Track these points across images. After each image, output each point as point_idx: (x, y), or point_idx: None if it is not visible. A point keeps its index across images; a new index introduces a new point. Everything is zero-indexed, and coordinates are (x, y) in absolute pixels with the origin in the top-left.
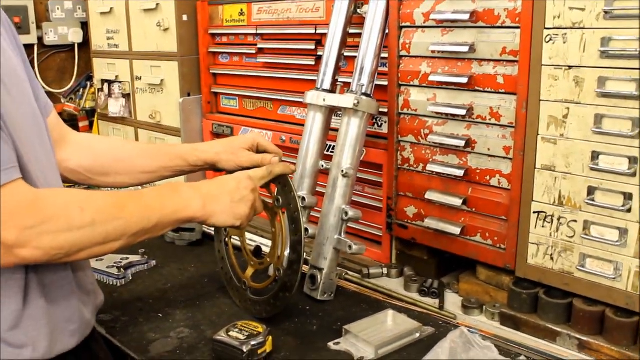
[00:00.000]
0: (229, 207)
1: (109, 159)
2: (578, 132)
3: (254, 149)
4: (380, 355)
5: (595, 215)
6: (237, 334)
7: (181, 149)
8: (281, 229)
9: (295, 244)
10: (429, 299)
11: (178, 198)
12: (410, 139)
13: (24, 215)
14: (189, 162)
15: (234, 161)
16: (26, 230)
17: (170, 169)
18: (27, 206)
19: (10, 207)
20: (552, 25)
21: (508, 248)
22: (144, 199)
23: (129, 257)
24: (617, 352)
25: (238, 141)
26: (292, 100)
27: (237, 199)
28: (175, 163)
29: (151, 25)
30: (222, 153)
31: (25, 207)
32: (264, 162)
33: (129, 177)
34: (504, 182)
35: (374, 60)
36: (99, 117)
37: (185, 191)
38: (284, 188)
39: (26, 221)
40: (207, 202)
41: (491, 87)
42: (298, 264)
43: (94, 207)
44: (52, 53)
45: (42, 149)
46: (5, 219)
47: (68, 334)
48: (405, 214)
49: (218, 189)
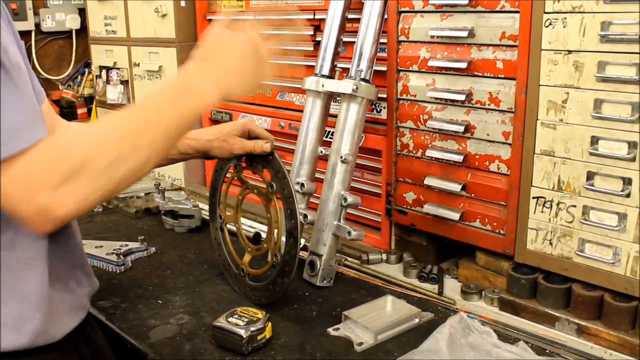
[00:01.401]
0: (248, 75)
1: None
2: (577, 117)
3: (246, 135)
4: (379, 340)
5: (594, 200)
6: (237, 320)
7: None
8: (276, 214)
9: (292, 230)
10: (428, 284)
11: (192, 97)
12: (409, 124)
13: (51, 172)
14: (180, 150)
15: (226, 148)
16: (58, 188)
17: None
18: (53, 160)
19: (36, 169)
20: (551, 9)
21: (507, 233)
22: (162, 116)
23: (128, 244)
24: (615, 337)
25: (229, 128)
26: (290, 86)
27: (252, 61)
28: None
29: (149, 11)
30: (213, 140)
31: (51, 161)
32: (256, 148)
33: None
34: (503, 167)
35: (373, 46)
36: (97, 104)
37: (196, 84)
38: (277, 174)
39: (55, 178)
40: (222, 83)
41: (490, 72)
42: (295, 249)
43: (113, 141)
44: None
45: None
46: (33, 184)
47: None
48: (404, 200)
49: (227, 61)
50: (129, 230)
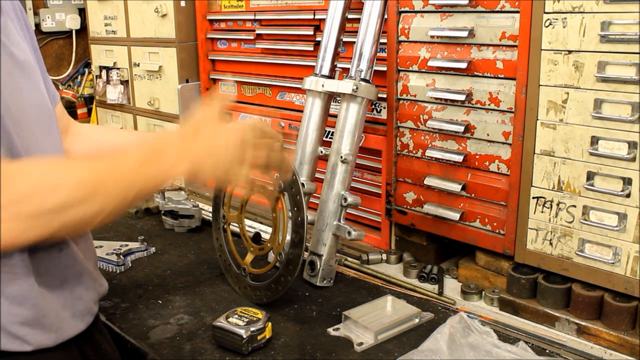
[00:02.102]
0: (222, 167)
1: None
2: (577, 117)
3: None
4: (379, 340)
5: (594, 201)
6: (237, 320)
7: None
8: (282, 213)
9: (298, 227)
10: (428, 284)
11: (162, 165)
12: (409, 124)
13: None
14: None
15: None
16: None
17: None
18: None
19: None
20: (551, 9)
21: (507, 233)
22: (126, 174)
23: (128, 244)
24: (615, 337)
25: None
26: (290, 86)
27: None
28: None
29: (149, 11)
30: None
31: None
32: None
33: None
34: (503, 167)
35: (373, 46)
36: (97, 104)
37: (171, 154)
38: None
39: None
40: (196, 164)
41: (490, 72)
42: (301, 246)
43: (67, 186)
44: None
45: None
46: None
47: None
48: (404, 200)
49: (211, 143)
50: (129, 230)
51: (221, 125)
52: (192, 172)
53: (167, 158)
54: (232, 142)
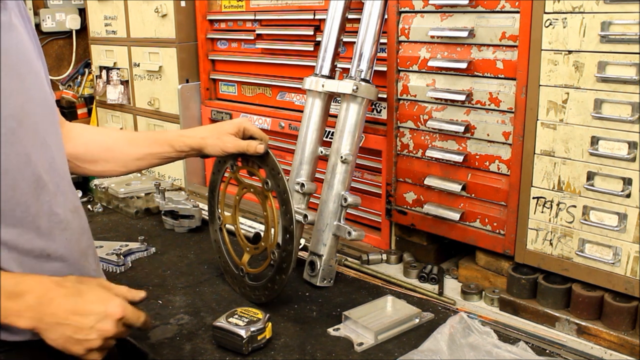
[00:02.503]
0: (71, 344)
1: (98, 147)
2: (577, 117)
3: (241, 134)
4: (379, 340)
5: (594, 201)
6: (237, 320)
7: (168, 135)
8: (272, 212)
9: (287, 225)
10: (428, 284)
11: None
12: (409, 124)
13: None
14: (175, 147)
15: (219, 146)
16: None
17: (158, 156)
18: None
19: None
20: (551, 9)
21: (507, 234)
22: None
23: (128, 244)
24: (615, 337)
25: (225, 126)
26: (291, 86)
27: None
28: (163, 149)
29: (149, 11)
30: (207, 138)
31: None
32: (249, 149)
33: (117, 164)
34: (503, 167)
35: (373, 46)
36: (97, 104)
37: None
38: (271, 171)
39: None
40: (42, 327)
41: (490, 72)
42: (291, 245)
43: None
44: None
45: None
46: None
47: None
48: (404, 200)
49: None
50: (129, 231)
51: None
52: (34, 330)
53: (18, 305)
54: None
